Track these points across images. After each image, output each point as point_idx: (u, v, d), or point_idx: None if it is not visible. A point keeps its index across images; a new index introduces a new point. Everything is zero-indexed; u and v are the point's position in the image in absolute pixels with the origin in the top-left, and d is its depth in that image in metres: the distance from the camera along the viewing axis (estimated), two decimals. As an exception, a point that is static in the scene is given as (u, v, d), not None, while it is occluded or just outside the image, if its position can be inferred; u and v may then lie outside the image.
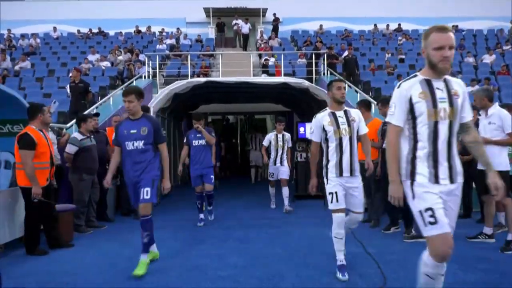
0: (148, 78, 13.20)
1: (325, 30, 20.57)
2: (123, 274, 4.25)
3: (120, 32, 20.03)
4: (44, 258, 4.91)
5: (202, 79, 9.55)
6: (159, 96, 8.87)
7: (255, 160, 12.89)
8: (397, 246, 5.16)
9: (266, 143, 8.12)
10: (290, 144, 8.17)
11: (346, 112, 4.19)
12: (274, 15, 20.11)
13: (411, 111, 2.64)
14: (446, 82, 2.67)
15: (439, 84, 2.64)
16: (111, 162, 4.69)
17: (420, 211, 2.56)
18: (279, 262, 4.57)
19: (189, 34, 19.80)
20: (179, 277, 4.16)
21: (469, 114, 2.71)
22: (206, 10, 21.53)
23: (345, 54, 14.84)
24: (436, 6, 21.26)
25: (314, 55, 14.05)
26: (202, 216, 6.76)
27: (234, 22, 19.49)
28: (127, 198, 7.52)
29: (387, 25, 20.67)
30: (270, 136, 8.08)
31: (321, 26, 20.55)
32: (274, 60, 15.07)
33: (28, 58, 15.75)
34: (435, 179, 2.58)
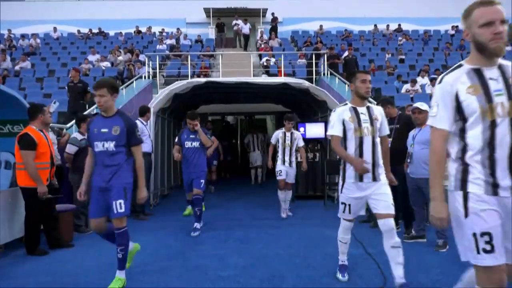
0: (148, 78, 13.21)
1: (325, 30, 20.57)
2: (123, 274, 4.25)
3: (120, 33, 20.03)
4: (44, 258, 4.92)
5: (202, 80, 9.56)
6: (159, 96, 8.88)
7: (254, 160, 12.59)
8: (397, 247, 5.15)
9: (274, 140, 7.45)
10: (302, 143, 7.41)
11: (369, 109, 3.72)
12: (273, 14, 20.12)
13: (459, 111, 2.15)
14: (501, 69, 2.14)
15: (492, 72, 2.13)
16: (86, 167, 4.09)
17: (474, 233, 2.06)
18: (280, 263, 4.57)
19: (189, 35, 19.81)
20: (179, 277, 4.16)
21: None
22: (206, 10, 21.54)
23: (345, 54, 14.85)
24: (436, 6, 21.26)
25: (314, 56, 14.06)
26: (198, 225, 6.20)
27: (234, 22, 19.50)
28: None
29: (387, 25, 20.67)
30: (278, 134, 7.40)
31: (321, 26, 20.55)
32: (275, 60, 15.07)
33: (28, 58, 15.74)
34: (492, 190, 2.08)
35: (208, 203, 8.92)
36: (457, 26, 20.36)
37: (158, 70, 13.54)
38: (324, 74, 13.46)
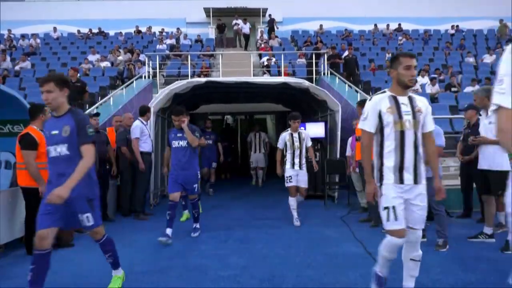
0: (148, 78, 13.22)
1: (325, 30, 20.56)
2: (123, 274, 4.25)
3: (120, 32, 20.04)
4: (44, 258, 4.91)
5: (202, 79, 9.55)
6: (159, 96, 8.88)
7: (256, 161, 11.98)
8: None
9: (281, 145, 6.70)
10: (310, 143, 6.82)
11: (411, 99, 3.20)
12: (270, 15, 20.18)
13: None
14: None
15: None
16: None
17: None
18: (280, 263, 4.56)
19: (189, 34, 19.81)
20: (179, 277, 4.17)
21: None
22: (206, 10, 21.54)
23: (345, 54, 14.84)
24: (436, 6, 21.27)
25: (314, 55, 14.06)
26: (169, 231, 5.56)
27: (234, 22, 19.51)
28: (128, 198, 7.56)
29: (387, 25, 20.66)
30: (285, 137, 6.67)
31: (321, 26, 20.55)
32: (275, 60, 15.06)
33: (28, 58, 15.75)
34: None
35: (208, 203, 8.93)
36: (457, 26, 20.36)
37: (158, 70, 13.55)
38: (324, 74, 13.47)
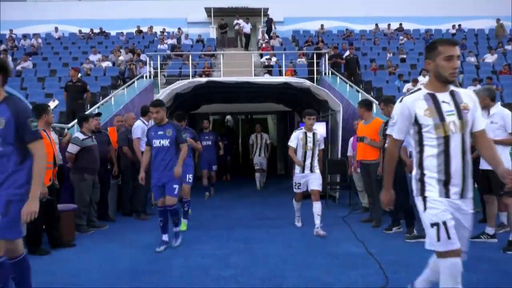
0: (150, 78, 13.23)
1: (326, 30, 20.55)
2: (124, 274, 4.26)
3: (122, 32, 20.04)
4: (45, 258, 4.91)
5: (204, 79, 9.56)
6: (160, 96, 8.87)
7: (259, 162, 11.50)
8: (399, 246, 5.14)
9: (293, 143, 6.08)
10: (323, 146, 6.30)
11: (454, 94, 2.61)
12: (267, 16, 20.17)
13: None
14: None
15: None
16: None
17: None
18: (281, 262, 4.56)
19: (190, 34, 19.81)
20: (180, 277, 4.16)
21: None
22: (207, 10, 21.53)
23: (346, 54, 14.82)
24: (438, 6, 21.21)
25: (315, 55, 14.05)
26: (165, 237, 5.30)
27: (235, 22, 19.51)
28: (128, 198, 7.56)
29: (388, 24, 20.63)
30: (298, 135, 6.09)
31: (322, 26, 20.53)
32: (276, 59, 15.06)
33: (29, 58, 15.77)
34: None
35: (209, 204, 8.93)
36: (459, 25, 20.32)
37: (159, 70, 13.56)
38: (325, 74, 13.45)
